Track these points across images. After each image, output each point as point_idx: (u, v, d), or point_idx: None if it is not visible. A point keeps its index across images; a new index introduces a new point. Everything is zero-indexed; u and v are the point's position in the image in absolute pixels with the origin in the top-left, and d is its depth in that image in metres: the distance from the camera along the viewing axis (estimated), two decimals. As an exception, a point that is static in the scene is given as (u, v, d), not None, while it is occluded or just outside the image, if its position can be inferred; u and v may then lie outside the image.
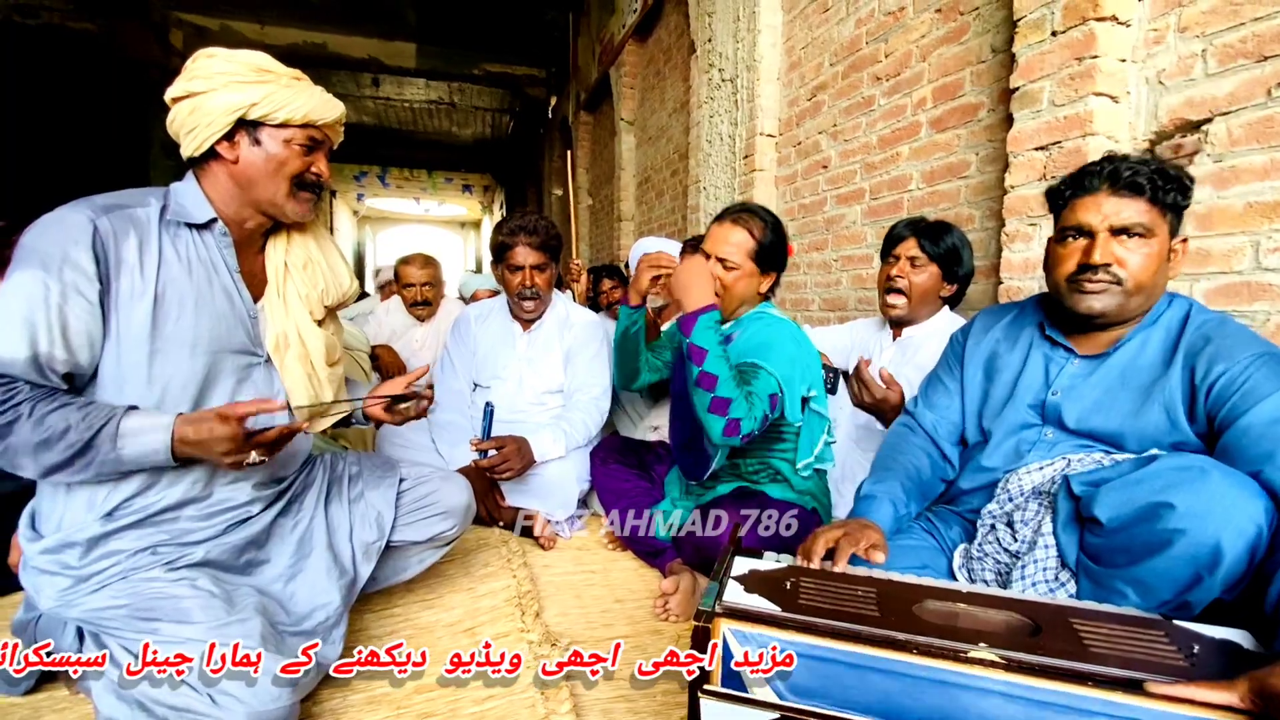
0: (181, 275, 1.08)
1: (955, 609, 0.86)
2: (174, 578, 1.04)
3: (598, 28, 6.33)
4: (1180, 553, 0.83)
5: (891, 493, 1.16)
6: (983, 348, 1.27)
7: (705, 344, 1.30)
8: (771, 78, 3.12)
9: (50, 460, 0.95)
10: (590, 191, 7.09)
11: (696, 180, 3.78)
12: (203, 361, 1.08)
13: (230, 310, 1.13)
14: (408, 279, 2.94)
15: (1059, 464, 1.10)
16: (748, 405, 1.33)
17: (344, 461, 1.39)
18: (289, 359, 1.21)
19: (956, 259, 1.70)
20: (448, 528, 1.41)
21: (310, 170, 1.16)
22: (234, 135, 1.10)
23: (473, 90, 10.13)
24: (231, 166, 1.12)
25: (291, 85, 1.12)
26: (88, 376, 1.03)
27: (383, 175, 14.18)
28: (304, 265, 1.25)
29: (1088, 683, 0.68)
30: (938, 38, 2.15)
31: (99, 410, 0.98)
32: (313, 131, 1.15)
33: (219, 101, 1.06)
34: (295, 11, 7.58)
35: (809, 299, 2.89)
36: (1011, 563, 1.07)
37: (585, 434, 2.04)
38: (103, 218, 1.01)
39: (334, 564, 1.23)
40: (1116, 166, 1.04)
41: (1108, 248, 1.03)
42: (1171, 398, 1.01)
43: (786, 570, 0.96)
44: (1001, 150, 1.80)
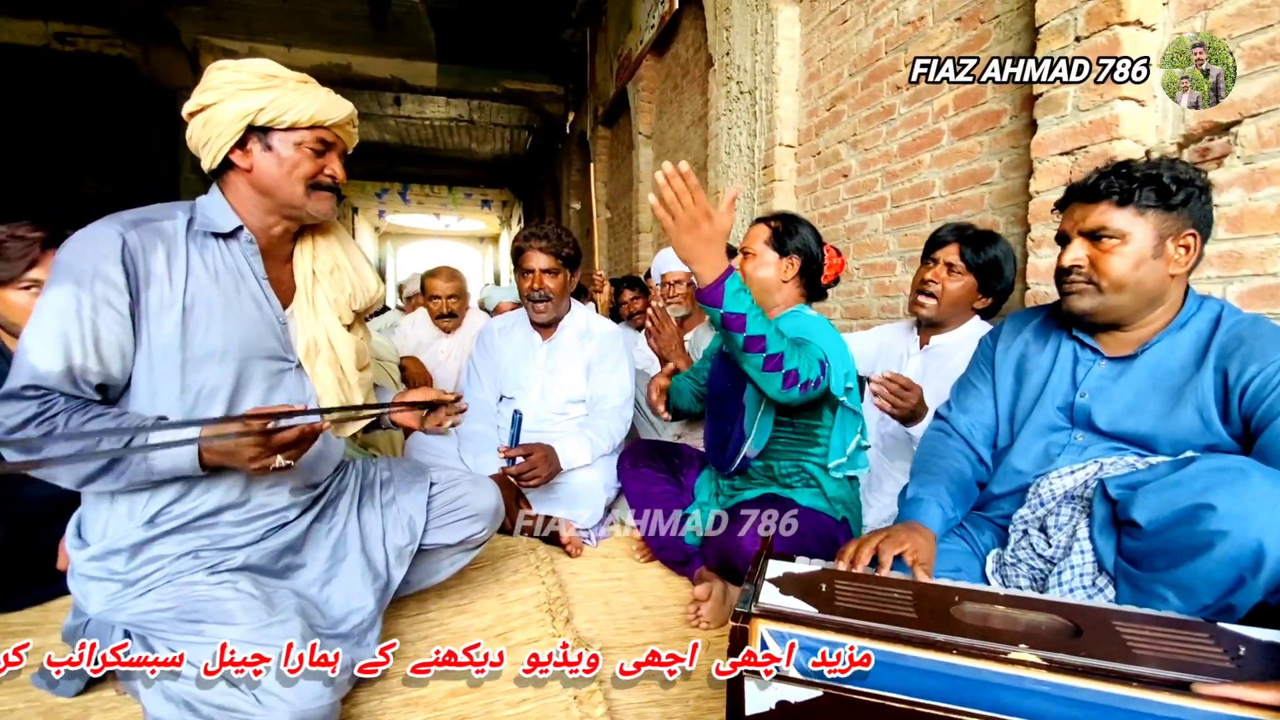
0: (209, 285, 1.09)
1: (993, 611, 0.86)
2: (216, 581, 1.06)
3: (615, 44, 6.42)
4: (1222, 555, 0.82)
5: (938, 496, 1.15)
6: (1013, 350, 1.27)
7: (740, 308, 1.20)
8: (790, 89, 3.14)
9: (84, 470, 0.98)
10: (609, 204, 7.16)
11: (716, 192, 3.80)
12: (233, 369, 1.10)
13: (260, 317, 1.15)
14: (434, 291, 2.99)
15: (1091, 467, 1.09)
16: (801, 356, 1.31)
17: (375, 467, 1.41)
18: (319, 364, 1.23)
19: (996, 273, 1.67)
20: (478, 530, 1.43)
21: (324, 172, 1.17)
22: (246, 143, 1.11)
23: (492, 107, 10.31)
24: (247, 175, 1.13)
25: (298, 89, 1.12)
26: (121, 387, 1.05)
27: (404, 192, 14.43)
28: (331, 271, 1.27)
29: (1132, 683, 0.67)
30: (958, 46, 2.16)
31: (131, 420, 1.00)
32: (322, 133, 1.15)
33: (228, 110, 1.08)
34: (321, 34, 7.80)
35: (831, 308, 2.89)
36: (1047, 569, 1.06)
37: (610, 442, 2.06)
38: (131, 232, 1.03)
39: (368, 568, 1.25)
40: (1088, 177, 1.11)
41: (1078, 251, 1.10)
42: (1204, 399, 1.01)
43: (821, 573, 0.96)
44: (1025, 156, 1.80)
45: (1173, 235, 1.05)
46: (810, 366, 1.33)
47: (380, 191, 14.31)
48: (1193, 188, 1.04)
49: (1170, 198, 1.03)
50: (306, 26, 7.63)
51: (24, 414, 0.96)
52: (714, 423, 1.70)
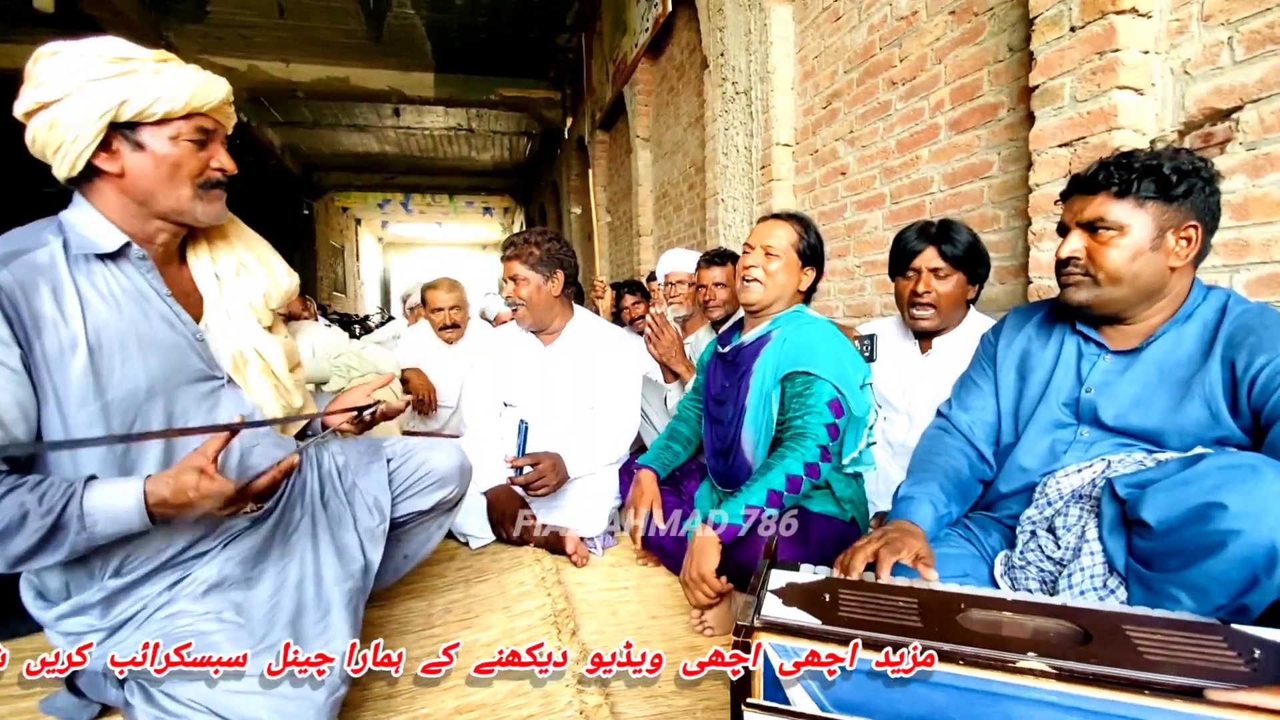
0: (112, 315, 0.96)
1: (1000, 618, 0.84)
2: (201, 612, 1.01)
3: (611, 48, 6.42)
4: (1235, 554, 0.80)
5: (931, 494, 1.14)
6: (1015, 346, 1.25)
7: (755, 503, 1.33)
8: (785, 88, 3.13)
9: (16, 550, 0.85)
10: (609, 208, 7.16)
11: (714, 193, 3.79)
12: (161, 403, 0.99)
13: (175, 339, 1.02)
14: (435, 303, 2.99)
15: (1098, 465, 1.08)
16: (802, 448, 1.38)
17: (329, 454, 1.32)
18: (251, 374, 1.14)
19: (978, 257, 1.64)
20: (448, 492, 1.40)
21: (211, 166, 1.03)
22: (110, 143, 0.95)
23: (490, 115, 10.35)
24: (119, 180, 0.97)
25: (160, 70, 0.96)
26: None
27: (405, 202, 14.51)
28: (236, 273, 1.15)
29: (1144, 691, 0.66)
30: (953, 39, 2.14)
31: (56, 487, 0.87)
32: (200, 120, 1.00)
33: (81, 107, 0.91)
34: (318, 48, 7.85)
35: (833, 306, 2.87)
36: (1056, 570, 1.04)
37: (616, 450, 2.05)
38: (3, 272, 0.88)
39: (339, 556, 1.19)
40: (1088, 168, 1.09)
41: (1075, 242, 1.09)
42: (1212, 391, 0.99)
43: (824, 582, 0.95)
44: (1024, 149, 1.78)
45: (1173, 227, 1.03)
46: (816, 442, 1.39)
47: (382, 202, 14.39)
48: (1196, 178, 1.02)
49: (1171, 189, 1.02)
50: (304, 41, 7.68)
51: None
52: (714, 429, 1.68)
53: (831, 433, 1.41)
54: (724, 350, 1.68)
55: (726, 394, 1.62)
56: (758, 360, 1.55)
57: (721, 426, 1.63)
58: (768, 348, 1.55)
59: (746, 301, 1.59)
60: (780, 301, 1.59)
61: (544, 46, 8.15)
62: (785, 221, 1.60)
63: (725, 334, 1.75)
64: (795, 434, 1.41)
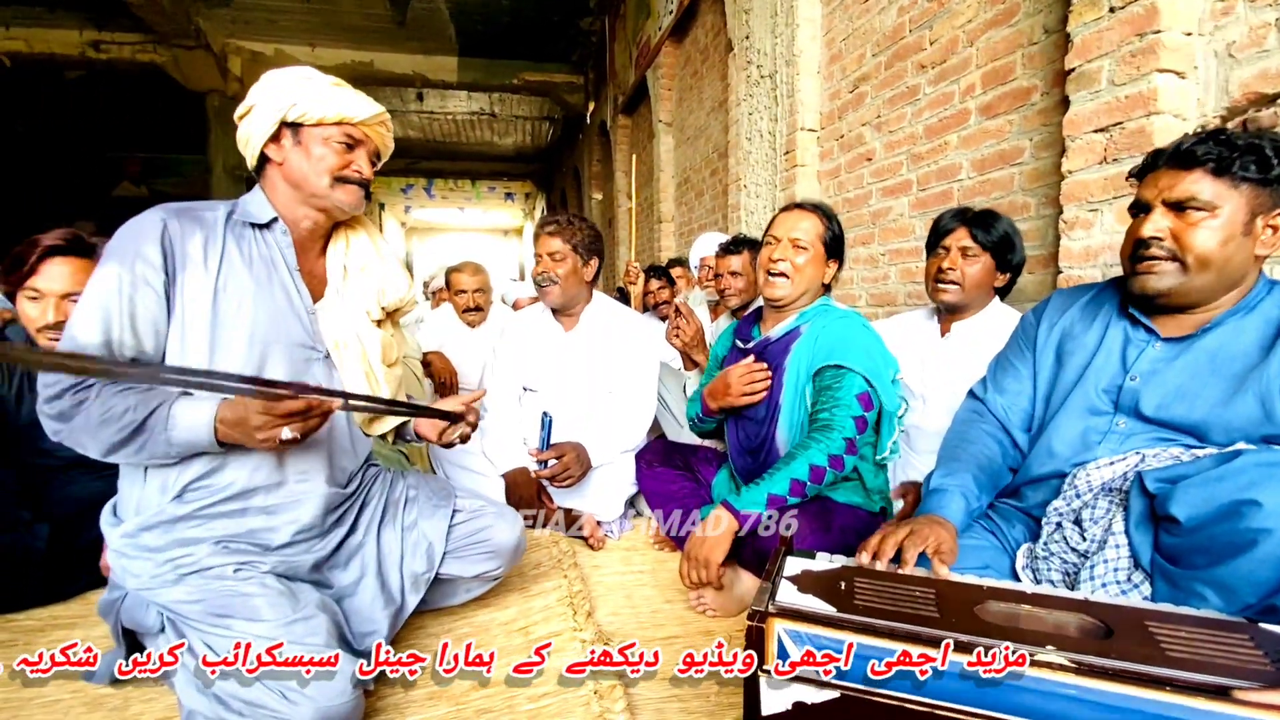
0: (242, 270, 1.15)
1: (1019, 610, 0.83)
2: (243, 577, 1.09)
3: (634, 31, 6.36)
4: (1266, 554, 0.78)
5: (964, 485, 1.11)
6: (1057, 329, 1.20)
7: (777, 492, 1.31)
8: (811, 71, 3.07)
9: (108, 439, 1.02)
10: (629, 194, 7.12)
11: (737, 178, 3.75)
12: (258, 351, 1.13)
13: (288, 306, 1.18)
14: (459, 286, 3.01)
15: (1132, 459, 1.04)
16: (827, 440, 1.36)
17: (403, 483, 1.40)
18: (348, 359, 1.25)
19: (1009, 247, 1.63)
20: (494, 567, 1.42)
21: (351, 167, 1.21)
22: (280, 138, 1.18)
23: (512, 100, 10.33)
24: (281, 169, 1.19)
25: (328, 90, 1.18)
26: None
27: (429, 187, 14.58)
28: (362, 268, 1.30)
29: (1165, 688, 0.64)
30: (985, 21, 2.08)
31: (155, 394, 1.05)
32: (349, 129, 1.19)
33: (264, 109, 1.15)
34: (344, 33, 7.89)
35: (856, 294, 2.84)
36: (1080, 563, 1.02)
37: (634, 437, 2.05)
38: (173, 219, 1.11)
39: (381, 590, 1.26)
40: (1181, 141, 1.00)
41: (1160, 221, 1.00)
42: (1269, 388, 0.94)
43: (841, 570, 0.95)
44: (1057, 134, 1.73)
45: (1264, 213, 0.97)
46: (842, 434, 1.37)
47: (406, 187, 14.49)
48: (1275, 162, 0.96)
49: (1270, 170, 0.95)
50: (329, 26, 7.72)
51: (62, 383, 1.02)
52: (741, 426, 1.64)
53: (859, 425, 1.39)
54: (746, 345, 1.64)
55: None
56: (789, 357, 1.53)
57: (752, 425, 1.59)
58: (799, 344, 1.52)
59: (773, 297, 1.56)
60: (806, 295, 1.56)
61: (567, 30, 8.09)
62: (810, 212, 1.57)
63: (743, 326, 1.71)
64: (821, 425, 1.39)
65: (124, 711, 1.15)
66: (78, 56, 7.30)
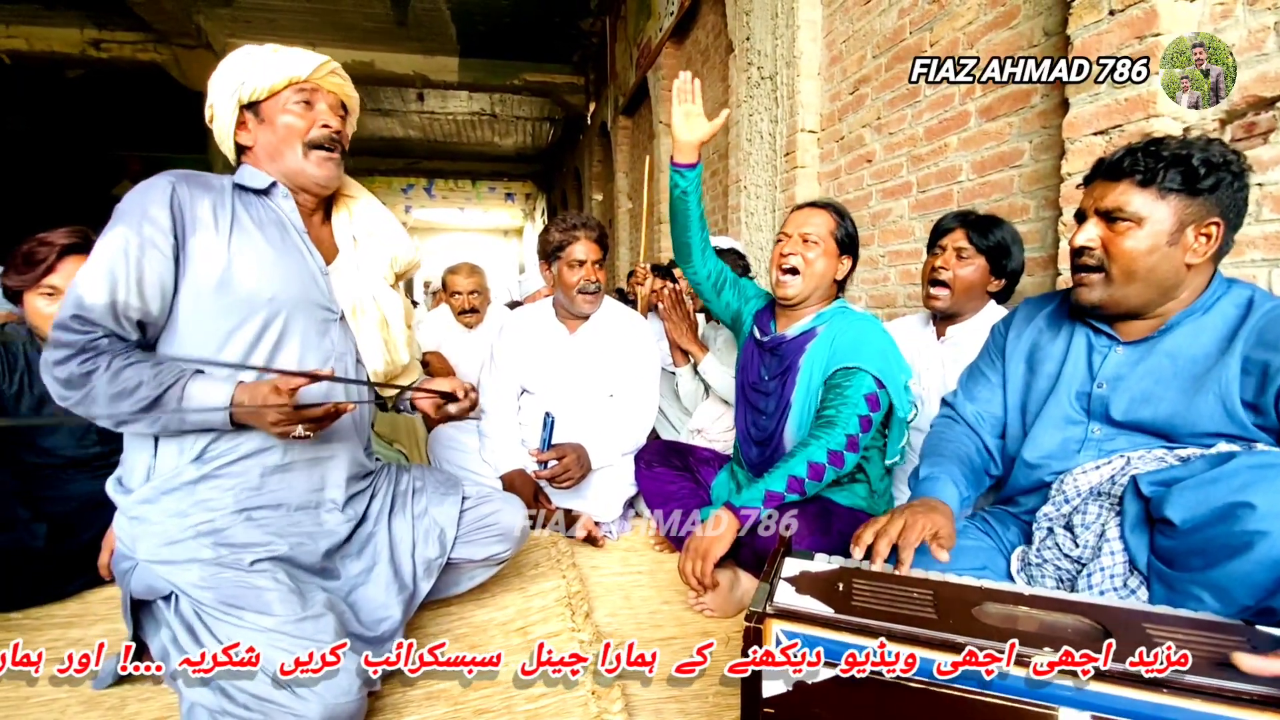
0: (255, 233, 1.15)
1: (1017, 612, 0.84)
2: (256, 570, 1.08)
3: (635, 32, 6.36)
4: (1261, 556, 0.78)
5: (951, 474, 1.13)
6: (1025, 338, 1.22)
7: (776, 489, 1.31)
8: (812, 73, 3.07)
9: (122, 412, 1.02)
10: (630, 195, 7.13)
11: (737, 180, 3.75)
12: (279, 314, 1.14)
13: (304, 267, 1.20)
14: (455, 287, 3.01)
15: (1117, 461, 1.05)
16: (828, 436, 1.35)
17: (408, 475, 1.41)
18: (365, 324, 1.27)
19: (1005, 253, 1.63)
20: (503, 549, 1.44)
21: (317, 125, 1.19)
22: (244, 124, 1.19)
23: (513, 100, 10.33)
24: (256, 152, 1.20)
25: (269, 56, 1.17)
26: (159, 327, 1.10)
27: (429, 187, 14.58)
28: (371, 233, 1.32)
29: (1162, 689, 0.65)
30: (986, 23, 2.09)
31: (169, 370, 1.04)
32: (300, 86, 1.18)
33: (221, 100, 1.17)
34: (344, 32, 7.89)
35: (856, 296, 2.84)
36: (1075, 569, 1.02)
37: (634, 439, 2.05)
38: (182, 183, 1.11)
39: (394, 578, 1.27)
40: (1116, 152, 1.04)
41: (1091, 231, 1.04)
42: (1228, 388, 0.96)
43: (838, 572, 0.95)
44: (1057, 137, 1.73)
45: (1195, 222, 0.99)
46: (845, 429, 1.36)
47: (406, 187, 14.48)
48: (1225, 172, 0.97)
49: (1197, 182, 0.97)
50: (329, 25, 7.72)
51: (71, 347, 1.01)
52: (752, 416, 1.64)
53: (863, 424, 1.38)
54: (762, 339, 1.64)
55: (767, 386, 1.60)
56: (803, 357, 1.53)
57: (763, 417, 1.60)
58: (814, 345, 1.52)
59: (784, 297, 1.56)
60: (818, 292, 1.56)
61: (567, 31, 8.09)
62: (821, 209, 1.58)
63: (761, 315, 1.69)
64: (825, 422, 1.39)
65: (121, 710, 1.15)
66: (78, 55, 7.29)
